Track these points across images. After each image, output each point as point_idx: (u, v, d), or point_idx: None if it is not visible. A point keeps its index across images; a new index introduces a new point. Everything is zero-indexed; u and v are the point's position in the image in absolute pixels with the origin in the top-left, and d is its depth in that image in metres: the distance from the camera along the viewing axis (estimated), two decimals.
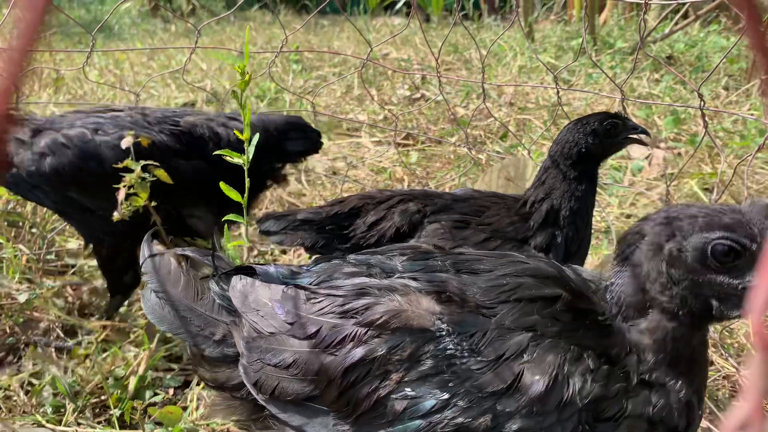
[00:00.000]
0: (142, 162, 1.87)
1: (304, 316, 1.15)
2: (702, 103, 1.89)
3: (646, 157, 3.34)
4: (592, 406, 1.00)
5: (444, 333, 1.04)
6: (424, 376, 1.02)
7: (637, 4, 4.97)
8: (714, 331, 1.98)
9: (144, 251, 1.37)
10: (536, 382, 0.99)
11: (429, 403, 1.01)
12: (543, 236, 1.73)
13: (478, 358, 1.02)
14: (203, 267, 1.36)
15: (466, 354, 1.02)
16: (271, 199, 3.03)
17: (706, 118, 1.89)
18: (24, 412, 1.81)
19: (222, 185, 1.60)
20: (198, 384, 1.90)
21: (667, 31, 5.14)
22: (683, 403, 1.04)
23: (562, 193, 1.76)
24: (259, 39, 6.33)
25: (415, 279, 1.13)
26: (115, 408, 1.81)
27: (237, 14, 8.21)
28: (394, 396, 1.03)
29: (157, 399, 1.83)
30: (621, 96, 2.16)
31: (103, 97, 4.40)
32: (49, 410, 1.82)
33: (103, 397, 1.87)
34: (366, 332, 1.07)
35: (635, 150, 3.43)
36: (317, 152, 2.40)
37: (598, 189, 1.88)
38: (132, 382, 1.86)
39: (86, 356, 2.02)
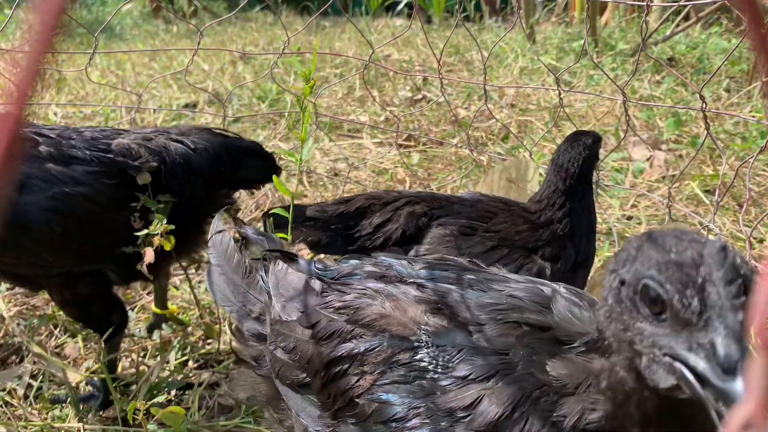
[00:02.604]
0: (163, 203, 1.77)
1: (311, 307, 1.20)
2: (703, 104, 1.89)
3: (648, 159, 3.34)
4: None
5: (422, 344, 1.03)
6: (394, 383, 1.02)
7: (638, 6, 4.98)
8: None
9: (213, 226, 1.47)
10: (490, 410, 0.93)
11: (392, 410, 1.01)
12: (553, 247, 1.74)
13: (448, 375, 0.99)
14: (256, 247, 1.43)
15: (439, 369, 1.00)
16: (273, 201, 3.04)
17: (708, 120, 1.90)
18: (28, 414, 1.81)
19: (275, 179, 1.64)
20: (200, 386, 1.91)
21: (668, 32, 5.14)
22: None
23: (581, 209, 1.80)
24: (261, 40, 6.32)
25: (420, 287, 1.14)
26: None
27: (238, 15, 8.21)
28: (366, 396, 1.05)
29: (161, 399, 1.83)
30: (623, 98, 2.17)
31: (104, 97, 4.41)
32: (53, 411, 1.82)
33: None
34: (352, 330, 1.11)
35: (637, 152, 3.43)
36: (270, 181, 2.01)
37: (599, 191, 1.90)
38: (143, 389, 1.85)
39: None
